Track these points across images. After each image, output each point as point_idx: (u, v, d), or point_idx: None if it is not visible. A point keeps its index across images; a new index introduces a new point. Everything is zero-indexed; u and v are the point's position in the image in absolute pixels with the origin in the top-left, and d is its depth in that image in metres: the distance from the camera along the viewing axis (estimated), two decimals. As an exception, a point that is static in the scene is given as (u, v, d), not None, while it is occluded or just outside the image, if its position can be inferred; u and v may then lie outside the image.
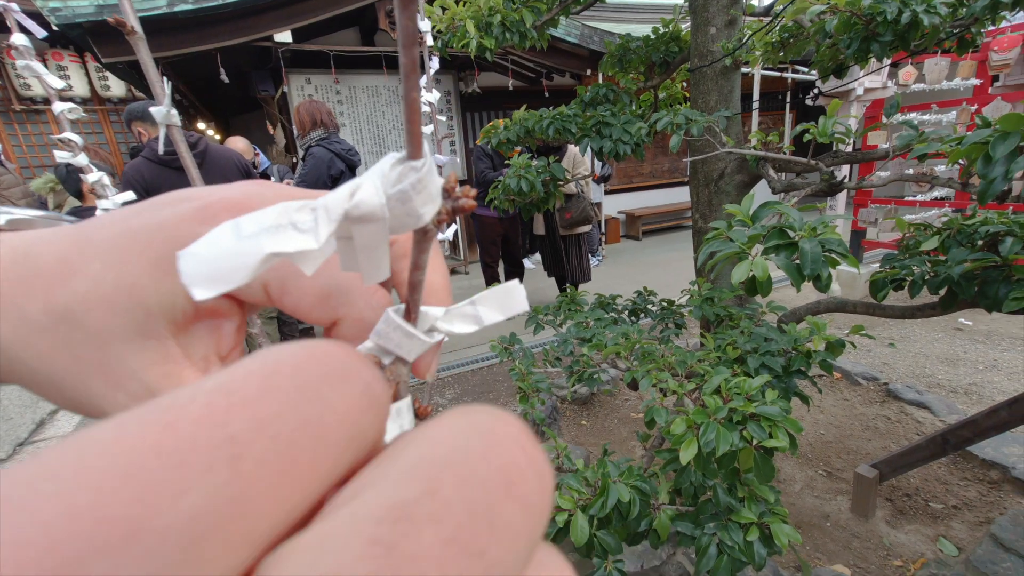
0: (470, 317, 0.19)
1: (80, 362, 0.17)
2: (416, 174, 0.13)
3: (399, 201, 0.13)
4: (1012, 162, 0.63)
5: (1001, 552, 1.34)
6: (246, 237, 0.13)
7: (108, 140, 5.91)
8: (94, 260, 0.17)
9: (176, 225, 0.17)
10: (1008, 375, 2.69)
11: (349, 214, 0.14)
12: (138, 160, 2.16)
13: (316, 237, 0.13)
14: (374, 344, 0.17)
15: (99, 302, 0.17)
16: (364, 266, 0.15)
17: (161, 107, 0.41)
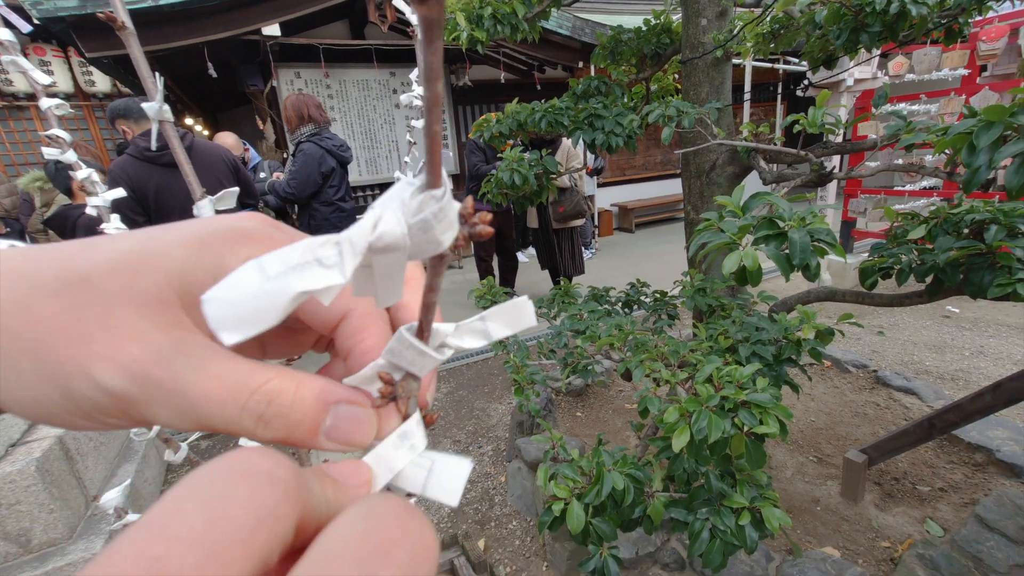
0: (479, 332, 0.19)
1: (83, 322, 0.16)
2: (437, 204, 0.14)
3: (420, 230, 0.14)
4: (995, 151, 0.64)
5: (985, 531, 1.38)
6: (273, 277, 0.13)
7: (94, 137, 5.82)
8: (125, 239, 0.18)
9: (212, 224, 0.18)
10: (994, 360, 2.74)
11: (372, 246, 0.14)
12: (123, 158, 2.13)
13: (343, 272, 0.14)
14: (386, 361, 0.18)
15: (120, 264, 0.17)
16: (380, 291, 0.16)
17: (153, 103, 0.41)
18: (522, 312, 0.19)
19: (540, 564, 1.71)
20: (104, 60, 3.70)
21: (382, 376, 0.18)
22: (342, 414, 0.18)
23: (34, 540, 1.64)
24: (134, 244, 0.17)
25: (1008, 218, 0.99)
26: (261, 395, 0.17)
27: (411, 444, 0.19)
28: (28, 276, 0.16)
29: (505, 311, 0.19)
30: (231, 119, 6.99)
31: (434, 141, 0.13)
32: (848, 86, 3.74)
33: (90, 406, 0.16)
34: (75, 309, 0.16)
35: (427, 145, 0.13)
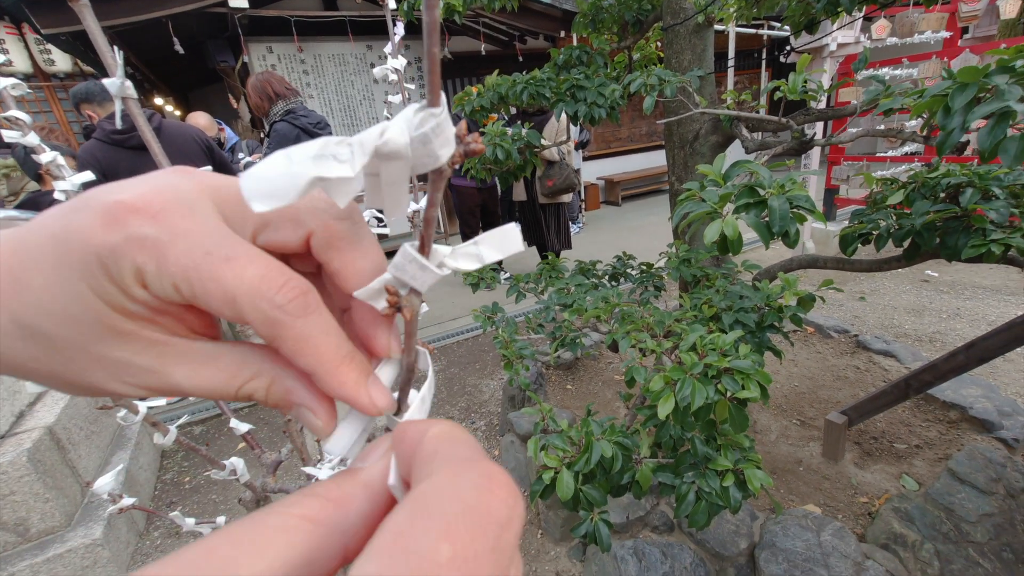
0: (473, 256, 0.21)
1: (72, 362, 0.18)
2: (435, 119, 0.15)
3: (421, 143, 0.16)
4: (969, 113, 0.65)
5: (957, 484, 1.45)
6: (296, 163, 0.15)
7: (58, 119, 5.59)
8: (35, 273, 0.17)
9: (87, 231, 0.17)
10: (970, 322, 2.83)
11: (379, 150, 0.16)
12: (91, 142, 2.06)
13: (352, 167, 0.16)
14: (392, 276, 0.19)
15: (57, 316, 0.17)
16: (388, 201, 0.18)
17: (114, 79, 0.39)
18: (510, 238, 0.21)
19: (535, 532, 1.76)
20: (61, 37, 3.52)
21: (388, 288, 0.20)
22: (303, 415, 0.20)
23: (32, 529, 1.65)
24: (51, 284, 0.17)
25: (983, 181, 1.01)
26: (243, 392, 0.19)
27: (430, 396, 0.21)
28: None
29: (495, 237, 0.20)
30: (203, 98, 6.75)
31: (433, 63, 0.14)
32: (831, 51, 3.71)
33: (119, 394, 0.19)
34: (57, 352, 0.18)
35: (427, 67, 0.15)
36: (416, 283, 0.19)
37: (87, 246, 0.17)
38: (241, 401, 0.20)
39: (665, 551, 1.40)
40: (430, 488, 0.13)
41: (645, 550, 1.40)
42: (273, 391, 0.19)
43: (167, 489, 2.27)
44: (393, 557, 0.12)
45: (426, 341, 3.43)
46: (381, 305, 0.20)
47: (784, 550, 1.32)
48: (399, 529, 0.12)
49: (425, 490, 0.13)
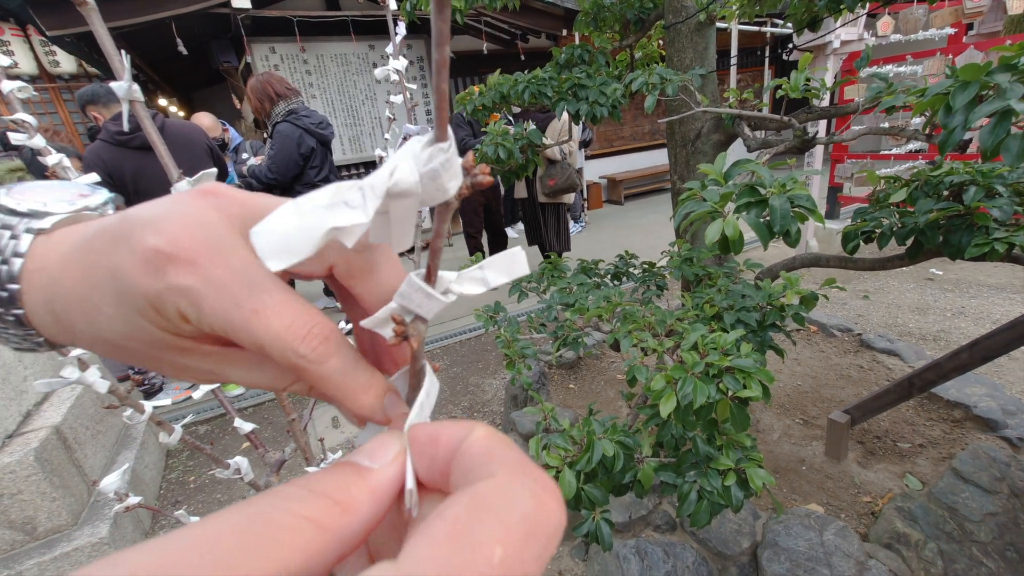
0: (478, 280, 0.21)
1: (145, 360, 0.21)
2: (444, 155, 0.16)
3: (430, 179, 0.16)
4: (971, 111, 0.65)
5: (961, 483, 1.44)
6: (307, 214, 0.15)
7: (63, 120, 5.62)
8: (103, 304, 0.20)
9: (134, 277, 0.19)
10: (974, 320, 2.82)
11: (390, 192, 0.16)
12: (97, 144, 2.08)
13: (365, 212, 0.16)
14: (397, 304, 0.20)
15: (128, 336, 0.20)
16: (395, 236, 0.18)
17: (122, 83, 0.40)
18: (515, 261, 0.21)
19: (537, 530, 1.76)
20: (66, 38, 3.54)
21: (394, 318, 0.20)
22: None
23: (39, 527, 1.66)
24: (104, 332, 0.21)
25: (986, 179, 1.01)
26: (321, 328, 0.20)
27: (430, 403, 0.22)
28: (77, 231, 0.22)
29: (501, 260, 0.21)
30: (206, 99, 6.77)
31: (441, 99, 0.15)
32: (835, 48, 3.69)
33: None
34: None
35: (436, 103, 0.15)
36: (422, 311, 0.19)
37: (136, 289, 0.19)
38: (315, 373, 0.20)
39: (667, 550, 1.40)
40: (491, 488, 0.14)
41: (647, 549, 1.40)
42: (314, 392, 0.22)
43: (172, 488, 2.29)
44: (448, 548, 0.12)
45: (430, 341, 3.43)
46: (388, 334, 0.20)
47: (786, 549, 1.32)
48: (457, 523, 0.13)
49: (486, 489, 0.14)
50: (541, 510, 0.13)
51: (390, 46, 0.70)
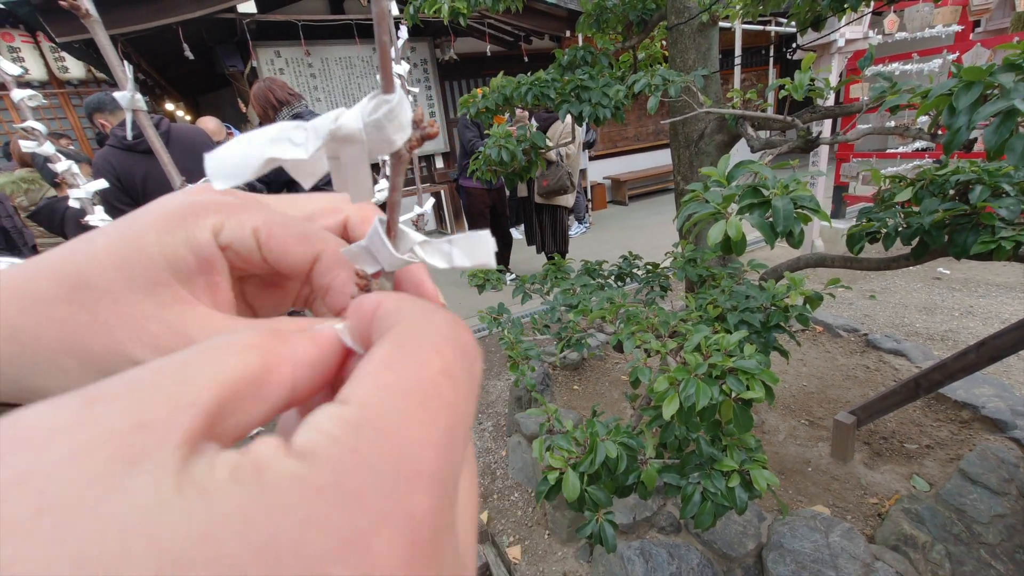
0: (444, 253, 0.21)
1: (99, 316, 0.18)
2: (388, 105, 0.16)
3: (375, 128, 0.16)
4: (974, 112, 0.64)
5: (969, 485, 1.43)
6: (254, 146, 0.16)
7: (73, 126, 5.68)
8: (100, 236, 0.19)
9: (178, 197, 0.20)
10: (983, 320, 2.79)
11: (334, 134, 0.16)
12: (106, 149, 2.10)
13: (306, 149, 0.16)
14: (365, 245, 0.20)
15: (108, 261, 0.18)
16: (352, 185, 0.18)
17: (125, 92, 0.40)
18: (481, 246, 0.21)
19: (542, 533, 1.77)
20: (75, 44, 3.59)
21: (356, 272, 0.20)
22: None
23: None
24: (112, 239, 0.19)
25: (992, 178, 1.00)
26: None
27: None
28: (29, 292, 0.18)
29: (468, 240, 0.21)
30: (213, 102, 6.83)
31: (384, 51, 0.15)
32: (839, 47, 3.67)
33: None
34: (88, 306, 0.18)
35: (380, 55, 0.15)
36: (382, 260, 0.20)
37: (169, 205, 0.20)
38: None
39: (672, 552, 1.40)
40: (409, 324, 0.14)
41: (652, 551, 1.40)
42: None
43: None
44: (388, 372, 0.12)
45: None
46: (352, 290, 0.20)
47: (792, 551, 1.32)
48: (386, 354, 0.13)
49: (405, 326, 0.14)
50: (460, 334, 0.15)
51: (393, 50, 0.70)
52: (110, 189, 2.01)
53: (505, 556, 1.67)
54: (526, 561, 1.66)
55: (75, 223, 2.34)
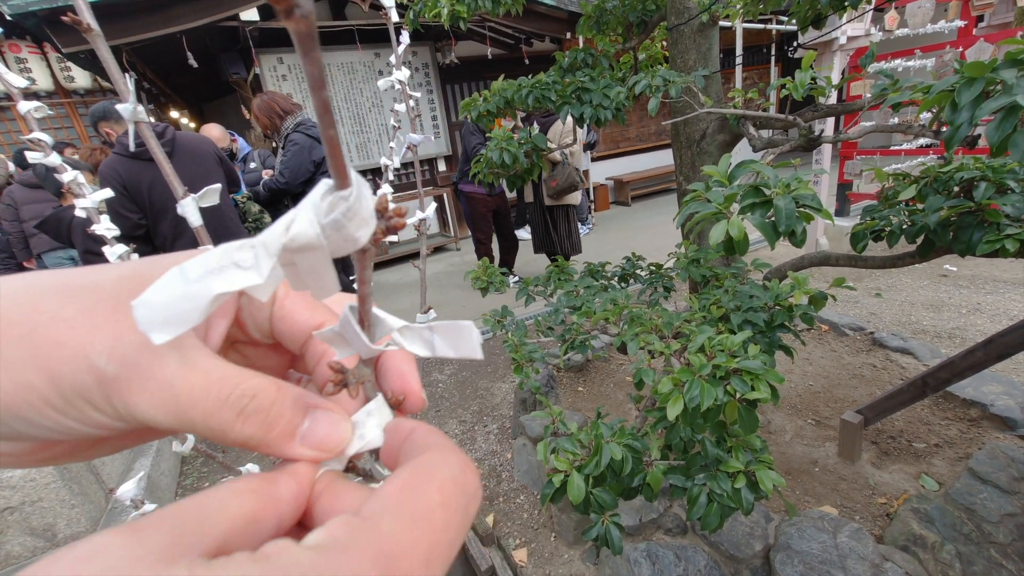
0: (425, 342, 0.20)
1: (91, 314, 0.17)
2: (345, 203, 0.14)
3: (334, 229, 0.15)
4: (977, 108, 0.64)
5: (978, 484, 1.42)
6: (193, 281, 0.14)
7: (79, 135, 5.74)
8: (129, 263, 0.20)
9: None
10: (991, 317, 2.76)
11: (287, 247, 0.15)
12: (112, 157, 2.12)
13: (259, 272, 0.15)
14: (338, 331, 0.19)
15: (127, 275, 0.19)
16: (312, 286, 0.17)
17: (127, 104, 0.41)
18: (465, 339, 0.19)
19: (548, 535, 1.76)
20: (81, 55, 3.63)
21: (331, 365, 0.19)
22: (320, 418, 0.19)
23: (59, 534, 1.70)
24: (140, 263, 0.20)
25: (997, 175, 0.99)
26: (244, 390, 0.18)
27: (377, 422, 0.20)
28: (31, 284, 0.18)
29: (451, 331, 0.20)
30: (217, 110, 6.88)
31: (333, 146, 0.14)
32: (841, 44, 3.65)
33: (73, 389, 0.17)
34: (84, 305, 0.18)
35: (327, 150, 0.14)
36: (356, 347, 0.19)
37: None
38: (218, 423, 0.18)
39: (679, 554, 1.39)
40: (428, 459, 0.17)
41: (658, 553, 1.39)
42: (285, 392, 0.19)
43: (188, 494, 2.31)
44: (400, 496, 0.16)
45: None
46: (327, 387, 0.19)
47: (800, 552, 1.31)
48: (405, 481, 0.16)
49: (424, 460, 0.17)
50: (465, 478, 0.17)
51: (392, 57, 0.71)
52: (116, 197, 2.03)
53: (511, 559, 1.67)
54: (532, 564, 1.66)
55: (82, 232, 2.36)
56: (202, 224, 0.48)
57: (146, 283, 0.18)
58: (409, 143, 0.67)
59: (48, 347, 0.17)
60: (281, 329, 0.22)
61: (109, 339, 0.17)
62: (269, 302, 0.21)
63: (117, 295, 0.18)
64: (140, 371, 0.17)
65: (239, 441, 0.18)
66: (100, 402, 0.17)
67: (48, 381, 0.17)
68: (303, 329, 0.22)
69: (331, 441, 0.19)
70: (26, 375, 0.17)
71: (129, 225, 2.09)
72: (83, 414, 0.17)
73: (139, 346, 0.17)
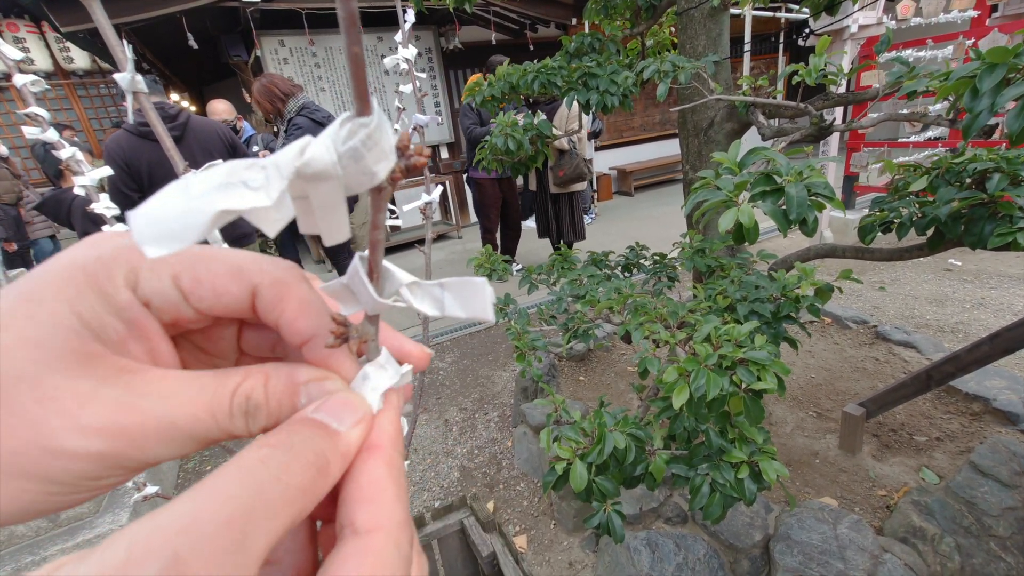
0: (435, 299, 0.19)
1: (16, 409, 0.15)
2: (365, 130, 0.13)
3: (351, 159, 0.13)
4: (998, 95, 0.62)
5: (979, 478, 1.42)
6: (196, 196, 0.13)
7: (79, 116, 5.69)
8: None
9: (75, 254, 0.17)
10: (995, 312, 2.75)
11: (301, 172, 0.13)
12: (119, 132, 2.10)
13: (268, 194, 0.13)
14: (345, 283, 0.18)
15: (11, 342, 0.15)
16: (323, 226, 0.15)
17: (124, 74, 0.39)
18: (479, 297, 0.18)
19: (548, 523, 1.77)
20: (80, 34, 3.58)
21: (333, 317, 0.18)
22: (313, 392, 0.18)
23: (62, 515, 1.71)
24: (14, 314, 0.16)
25: (1011, 166, 0.98)
26: (240, 395, 0.18)
27: (389, 373, 0.19)
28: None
29: (464, 286, 0.18)
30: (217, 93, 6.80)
31: (357, 64, 0.13)
32: (852, 33, 3.59)
33: (75, 478, 0.15)
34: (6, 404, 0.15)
35: (351, 70, 0.13)
36: (363, 300, 0.17)
37: (72, 265, 0.17)
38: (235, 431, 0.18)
39: (678, 542, 1.40)
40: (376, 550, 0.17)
41: (658, 541, 1.40)
42: (273, 383, 0.18)
43: (189, 477, 2.33)
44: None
45: (439, 334, 3.45)
46: (328, 338, 0.18)
47: (800, 542, 1.31)
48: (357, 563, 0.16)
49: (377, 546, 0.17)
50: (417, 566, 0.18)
51: (399, 34, 0.69)
52: (117, 174, 2.01)
53: (512, 545, 1.68)
54: (532, 550, 1.67)
55: (82, 213, 2.35)
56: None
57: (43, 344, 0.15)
58: (415, 123, 0.65)
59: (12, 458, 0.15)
60: (208, 302, 0.19)
61: (68, 424, 0.15)
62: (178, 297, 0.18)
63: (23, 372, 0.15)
64: (130, 434, 0.16)
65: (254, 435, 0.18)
66: (114, 470, 0.16)
67: (45, 482, 0.15)
68: (237, 297, 0.19)
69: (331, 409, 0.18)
70: (13, 487, 0.15)
71: (129, 204, 2.07)
72: (105, 483, 0.16)
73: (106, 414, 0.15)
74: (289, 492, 0.15)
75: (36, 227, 4.40)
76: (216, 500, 0.14)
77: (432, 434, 2.39)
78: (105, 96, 5.80)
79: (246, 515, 0.14)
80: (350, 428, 0.18)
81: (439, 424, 2.47)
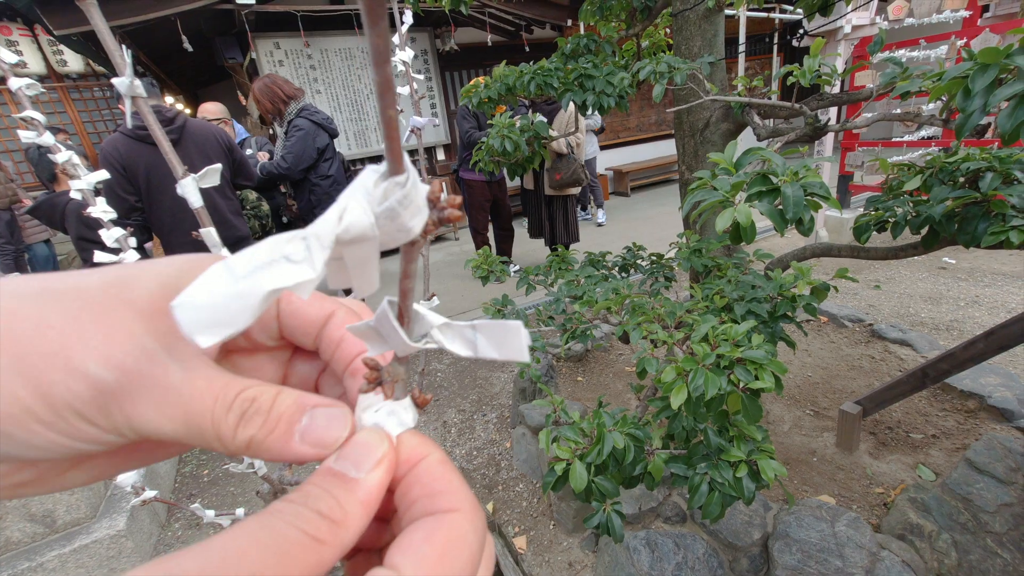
0: (468, 341, 0.19)
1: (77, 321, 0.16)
2: (402, 190, 0.13)
3: (388, 218, 0.14)
4: (990, 95, 0.63)
5: (975, 474, 1.43)
6: (242, 278, 0.13)
7: (73, 120, 5.66)
8: (116, 267, 0.19)
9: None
10: (989, 310, 2.77)
11: (340, 239, 0.14)
12: (116, 135, 2.08)
13: (312, 267, 0.13)
14: (372, 326, 0.18)
15: (112, 280, 0.18)
16: (356, 282, 0.16)
17: (123, 79, 0.39)
18: (513, 340, 0.18)
19: (547, 523, 1.77)
20: (73, 37, 3.56)
21: (366, 362, 0.18)
22: (317, 415, 0.19)
23: (59, 520, 1.70)
24: (125, 267, 0.18)
25: (1004, 165, 0.98)
26: (246, 395, 0.18)
27: (400, 421, 0.19)
28: (8, 289, 0.17)
29: (497, 329, 0.18)
30: (212, 96, 6.78)
31: (391, 127, 0.13)
32: (846, 33, 3.61)
33: (64, 400, 0.16)
34: (70, 311, 0.16)
35: (385, 132, 0.13)
36: (392, 343, 0.18)
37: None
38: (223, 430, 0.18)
39: (678, 542, 1.40)
40: (458, 526, 0.17)
41: (658, 541, 1.40)
42: (283, 397, 0.19)
43: (187, 482, 2.32)
44: (428, 557, 0.16)
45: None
46: (361, 384, 0.19)
47: (798, 540, 1.32)
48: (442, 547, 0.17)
49: (455, 527, 0.17)
50: (485, 546, 0.19)
51: (396, 36, 0.69)
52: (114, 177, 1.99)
53: (512, 546, 1.68)
54: (532, 551, 1.67)
55: (76, 217, 2.33)
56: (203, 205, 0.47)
57: (132, 288, 0.17)
58: (413, 126, 0.65)
59: (34, 356, 0.16)
60: (292, 325, 0.21)
61: (102, 346, 0.16)
62: (275, 301, 0.20)
63: (103, 300, 0.17)
64: (143, 379, 0.16)
65: (239, 447, 0.18)
66: (94, 414, 0.16)
67: (35, 393, 0.16)
68: (314, 322, 0.21)
69: (329, 435, 0.18)
70: (10, 387, 0.15)
71: (126, 207, 2.06)
72: (73, 427, 0.16)
73: (137, 353, 0.16)
74: (305, 539, 0.15)
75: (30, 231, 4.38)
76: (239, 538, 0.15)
77: (430, 436, 2.39)
78: (99, 99, 5.78)
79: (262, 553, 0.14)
80: (369, 473, 0.17)
81: (437, 426, 2.46)
